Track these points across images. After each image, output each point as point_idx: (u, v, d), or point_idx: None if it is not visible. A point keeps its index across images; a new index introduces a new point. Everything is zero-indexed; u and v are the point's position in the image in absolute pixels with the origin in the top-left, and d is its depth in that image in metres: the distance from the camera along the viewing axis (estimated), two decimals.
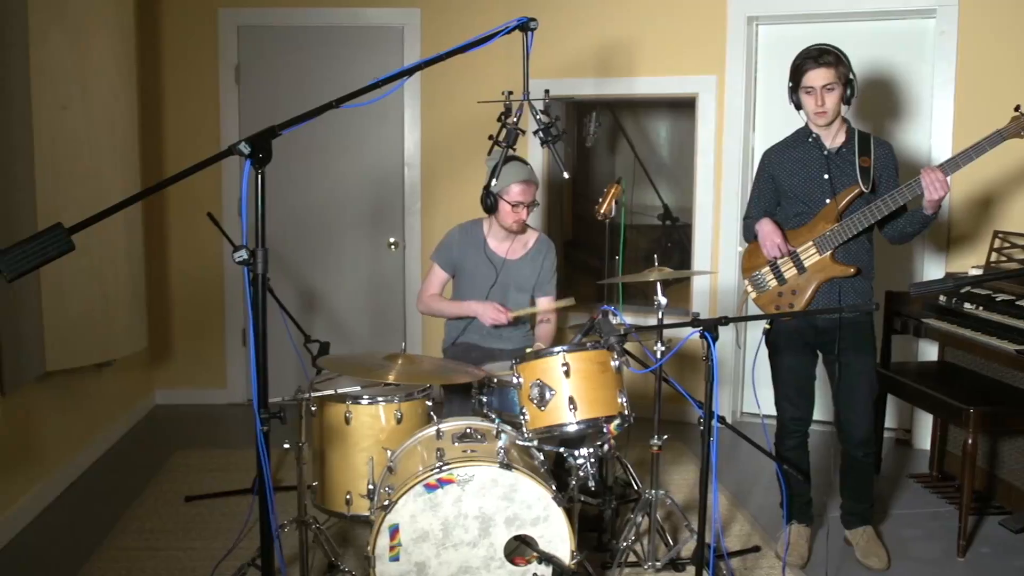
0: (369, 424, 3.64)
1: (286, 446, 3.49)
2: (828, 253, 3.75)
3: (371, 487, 3.39)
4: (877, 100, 5.51)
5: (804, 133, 3.87)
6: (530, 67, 3.28)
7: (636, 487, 4.25)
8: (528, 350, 3.64)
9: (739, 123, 5.68)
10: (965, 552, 4.05)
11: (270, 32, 6.17)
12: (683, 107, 6.25)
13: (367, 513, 3.54)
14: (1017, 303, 4.26)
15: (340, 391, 3.63)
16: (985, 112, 3.75)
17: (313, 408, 3.62)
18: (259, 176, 2.46)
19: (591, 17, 5.90)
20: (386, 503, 3.08)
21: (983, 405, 4.02)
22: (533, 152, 5.76)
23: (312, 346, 4.23)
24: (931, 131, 5.33)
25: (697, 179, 5.86)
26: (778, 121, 3.96)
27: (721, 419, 3.41)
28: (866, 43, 5.48)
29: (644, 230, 7.10)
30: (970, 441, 3.99)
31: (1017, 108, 3.66)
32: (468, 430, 3.43)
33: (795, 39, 4.05)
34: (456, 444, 3.32)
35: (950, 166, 3.61)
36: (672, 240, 6.91)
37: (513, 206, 4.14)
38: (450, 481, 3.10)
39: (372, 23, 6.14)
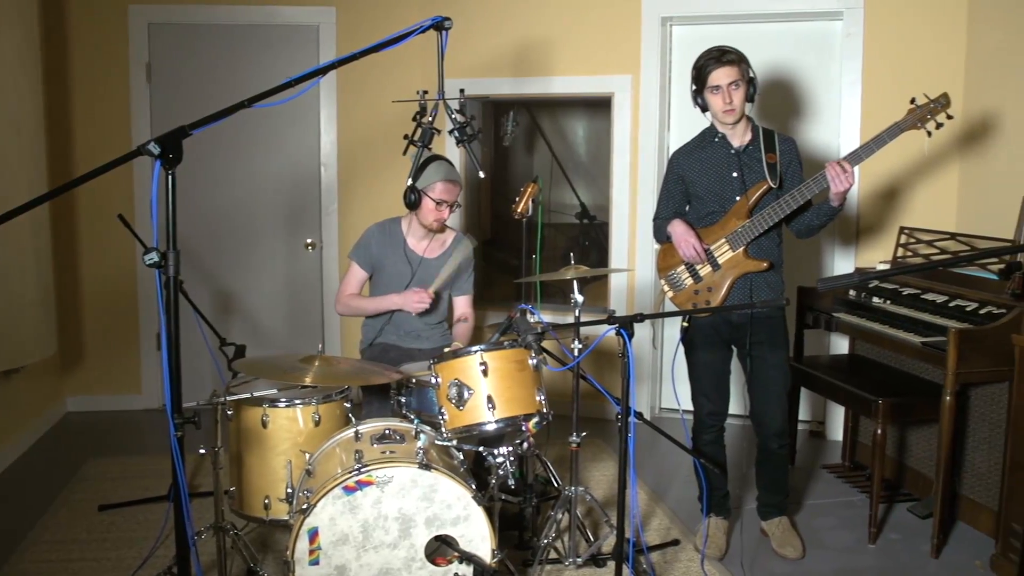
0: (287, 427, 3.60)
1: (202, 451, 3.43)
2: (741, 249, 3.81)
3: (289, 491, 3.35)
4: (788, 99, 5.63)
5: (710, 133, 3.93)
6: (446, 66, 3.29)
7: (556, 484, 4.28)
8: (446, 350, 3.64)
9: (654, 122, 5.75)
10: (876, 539, 4.17)
11: (182, 30, 6.06)
12: (600, 106, 6.30)
13: (286, 517, 3.50)
14: (922, 297, 4.39)
15: (256, 394, 3.58)
16: (890, 109, 3.86)
17: (229, 412, 3.56)
18: (170, 177, 2.42)
19: (508, 17, 5.92)
20: (305, 506, 3.05)
21: (891, 396, 4.13)
22: (450, 152, 5.75)
23: (228, 349, 4.17)
24: (839, 129, 5.46)
25: (614, 178, 5.91)
26: (692, 120, 4.02)
27: (639, 415, 3.44)
28: (777, 44, 5.60)
29: (562, 228, 7.14)
30: (879, 431, 4.09)
31: (912, 101, 3.79)
32: (387, 431, 3.41)
33: (708, 39, 4.11)
34: (375, 445, 3.30)
35: (853, 159, 3.72)
36: (590, 238, 6.96)
37: (437, 204, 4.13)
38: (369, 483, 3.08)
39: (287, 21, 6.08)
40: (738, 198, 3.83)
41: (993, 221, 4.76)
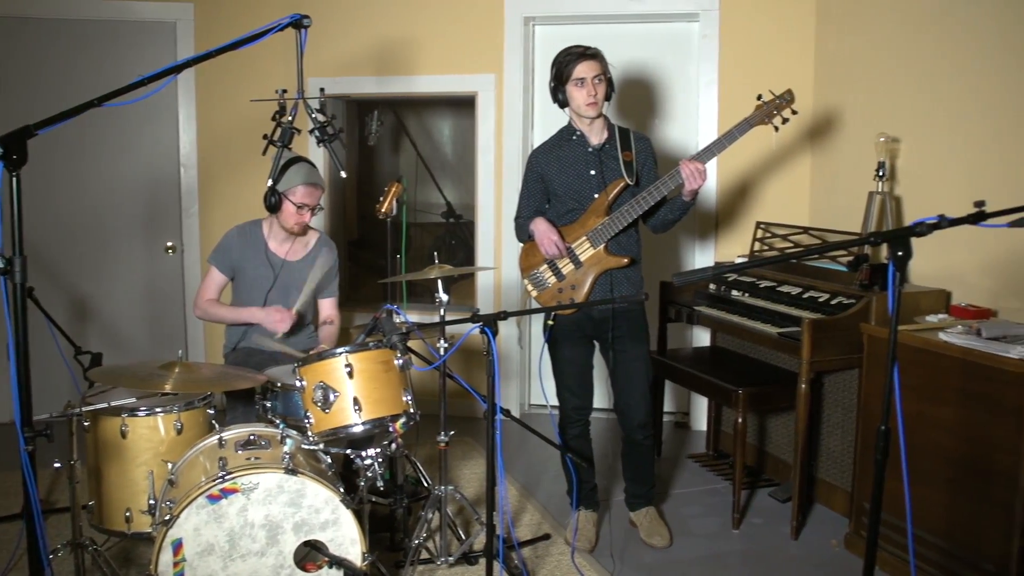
0: (147, 437, 3.48)
1: (57, 465, 3.30)
2: (601, 246, 3.88)
3: (152, 502, 3.25)
4: (648, 98, 5.74)
5: (568, 132, 3.99)
6: (308, 65, 3.23)
7: (426, 484, 4.27)
8: (311, 352, 3.59)
9: (518, 121, 5.79)
10: (739, 524, 4.31)
11: (29, 24, 5.79)
12: (465, 105, 6.31)
13: (149, 530, 3.38)
14: (778, 289, 4.54)
15: (114, 404, 3.46)
16: (745, 107, 3.98)
17: (86, 423, 3.44)
18: (14, 179, 2.32)
19: (370, 15, 5.87)
20: (167, 517, 2.97)
21: (751, 386, 4.27)
22: (312, 152, 5.68)
23: (83, 358, 4.02)
24: (697, 127, 5.60)
25: (479, 177, 5.93)
26: (556, 119, 4.07)
27: (506, 412, 3.46)
28: (636, 44, 5.71)
29: (429, 228, 7.14)
30: (740, 420, 4.22)
31: (759, 97, 3.92)
32: (251, 437, 3.34)
33: (570, 39, 4.15)
34: (239, 452, 3.23)
35: (705, 155, 3.82)
36: (457, 237, 6.98)
37: (298, 207, 4.06)
38: (234, 490, 3.01)
39: (142, 17, 5.88)
40: (596, 196, 3.89)
41: (843, 215, 4.97)
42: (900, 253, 2.16)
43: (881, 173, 4.42)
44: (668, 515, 4.40)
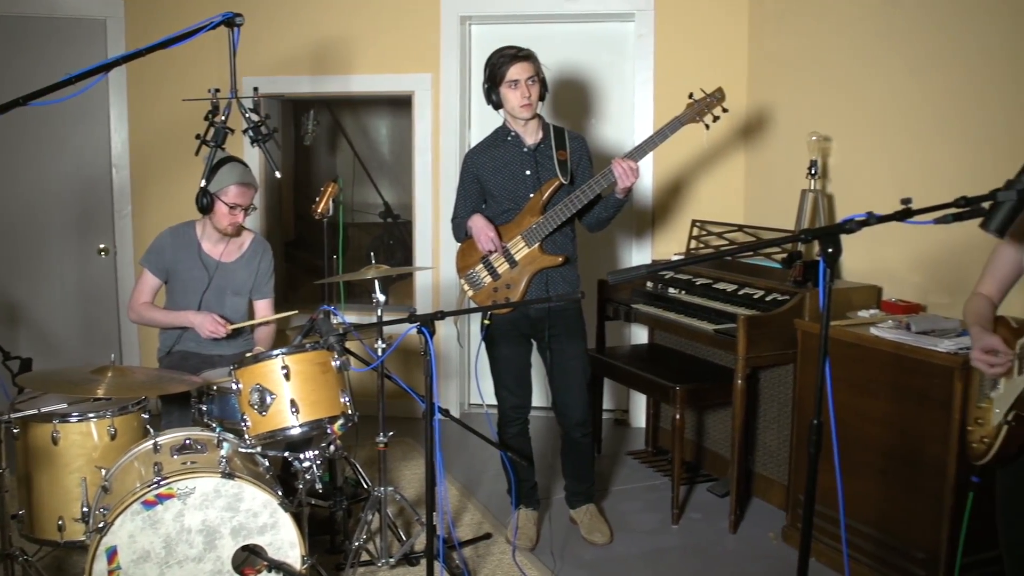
0: (80, 443, 3.41)
1: None
2: (536, 245, 3.89)
3: (85, 510, 3.19)
4: (584, 98, 5.77)
5: (503, 132, 4.00)
6: (242, 64, 3.20)
7: (366, 485, 4.25)
8: (248, 354, 3.55)
9: (455, 120, 5.78)
10: (679, 519, 4.35)
11: None
12: (402, 105, 6.28)
13: (82, 538, 3.32)
14: (714, 286, 4.59)
15: (45, 410, 3.38)
16: (681, 107, 4.01)
17: (15, 430, 3.36)
18: None
19: (306, 14, 5.82)
20: (101, 525, 2.92)
21: (688, 383, 4.30)
22: (247, 152, 5.62)
23: (12, 363, 3.93)
24: (633, 127, 5.64)
25: (416, 176, 5.91)
26: (493, 119, 4.07)
27: (445, 412, 3.46)
28: (572, 44, 5.73)
29: (367, 228, 7.10)
30: (678, 416, 4.26)
31: (691, 96, 3.95)
32: (187, 441, 3.30)
33: (507, 39, 4.16)
34: (175, 457, 3.19)
35: (637, 153, 3.85)
36: (395, 237, 6.95)
37: (230, 208, 4.01)
38: (170, 496, 2.97)
39: (71, 14, 5.76)
40: (531, 195, 3.90)
41: (777, 213, 5.04)
42: (830, 250, 2.19)
43: (813, 171, 4.49)
44: (608, 512, 4.43)
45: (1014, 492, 2.44)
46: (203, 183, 3.65)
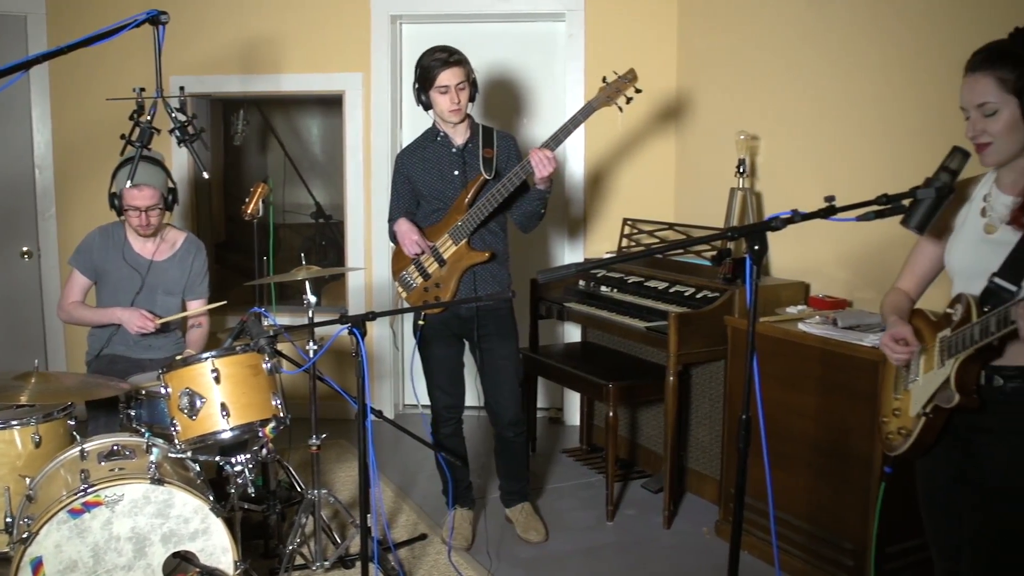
0: (3, 451, 3.34)
1: None
2: (463, 242, 3.89)
3: (8, 520, 3.12)
4: (515, 97, 5.78)
5: (433, 133, 4.00)
6: (169, 63, 3.17)
7: (300, 489, 4.21)
8: (177, 358, 3.51)
9: (386, 120, 5.75)
10: (613, 516, 4.39)
11: None
12: (333, 104, 6.24)
13: (6, 549, 3.24)
14: (646, 284, 4.63)
15: None
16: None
17: None
18: None
19: (234, 13, 5.74)
20: (26, 535, 2.86)
21: (621, 380, 4.34)
22: (175, 152, 5.54)
23: None
24: None
25: (347, 177, 5.87)
26: (425, 118, 4.06)
27: (378, 413, 3.44)
28: (504, 44, 5.74)
29: (298, 229, 7.04)
30: (611, 414, 4.29)
31: (604, 79, 3.97)
32: (115, 447, 3.25)
33: (438, 38, 4.16)
34: (103, 463, 3.14)
35: (553, 142, 3.85)
36: (327, 238, 6.90)
37: (135, 210, 3.94)
38: (97, 504, 2.92)
39: None
40: (459, 194, 3.91)
41: (707, 211, 5.10)
42: (756, 247, 2.23)
43: (742, 170, 4.55)
44: (544, 510, 4.44)
45: (932, 483, 2.50)
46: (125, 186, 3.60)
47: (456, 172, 3.92)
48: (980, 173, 2.41)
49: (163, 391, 3.26)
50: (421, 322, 3.94)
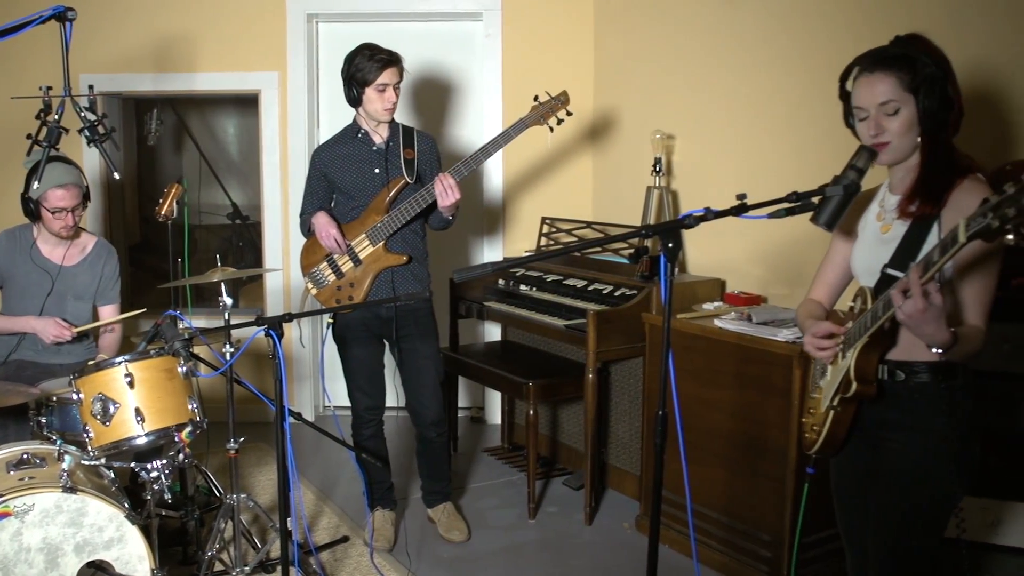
0: None
1: None
2: (381, 244, 3.88)
3: None
4: (434, 97, 5.76)
5: (353, 130, 3.98)
6: (77, 61, 3.10)
7: (218, 493, 4.15)
8: (90, 362, 3.43)
9: (303, 120, 5.70)
10: (535, 514, 4.40)
11: None
12: (249, 104, 6.16)
13: None
14: (565, 282, 4.67)
15: None
16: (529, 106, 4.06)
17: None
18: None
19: (146, 10, 5.62)
20: None
21: (541, 378, 4.36)
22: (84, 152, 5.41)
23: None
24: (483, 126, 5.67)
25: (264, 177, 5.80)
26: (342, 118, 4.04)
27: (297, 415, 3.42)
28: (422, 43, 5.72)
29: (215, 230, 6.95)
30: (531, 412, 4.31)
31: (536, 98, 4.00)
32: (25, 456, 3.17)
33: (356, 37, 4.13)
34: (11, 473, 3.06)
35: (456, 172, 3.84)
36: (244, 239, 6.82)
37: (54, 213, 3.85)
38: (6, 514, 2.85)
39: None
40: (378, 194, 3.89)
41: (624, 209, 5.15)
42: (670, 245, 2.26)
43: (658, 168, 4.61)
44: (466, 509, 4.45)
45: (843, 478, 2.58)
46: (23, 191, 3.50)
47: (377, 170, 3.90)
48: (879, 184, 2.49)
49: (75, 397, 3.19)
50: (330, 320, 3.93)
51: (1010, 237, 1.74)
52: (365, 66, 3.81)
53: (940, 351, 2.10)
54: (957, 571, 3.07)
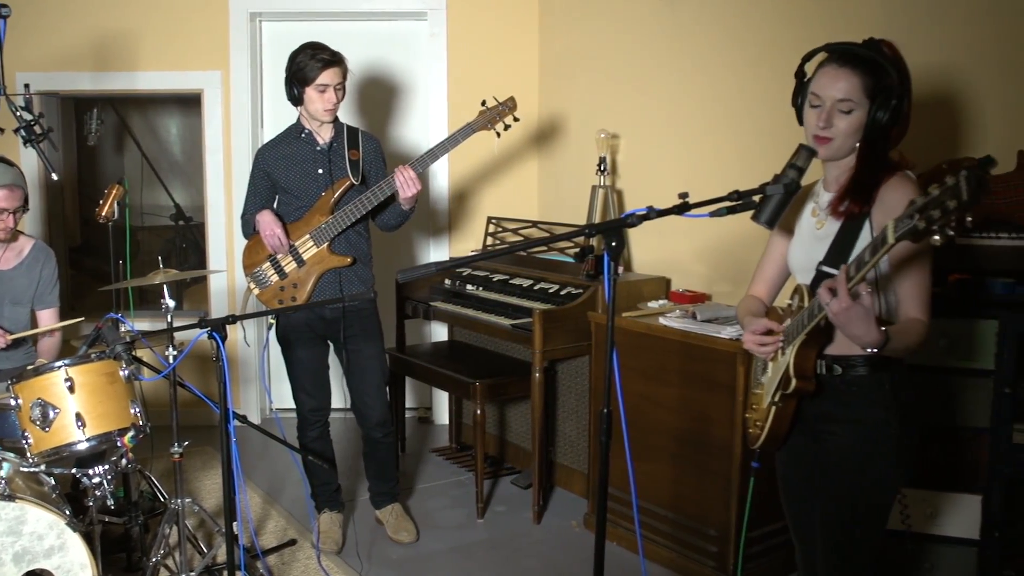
0: None
1: None
2: (325, 245, 3.86)
3: None
4: (379, 97, 5.74)
5: (296, 129, 3.95)
6: (12, 59, 3.04)
7: (163, 499, 4.10)
8: (28, 367, 3.37)
9: (246, 119, 5.65)
10: (484, 513, 4.41)
11: None
12: (192, 103, 6.09)
13: None
14: (511, 282, 4.68)
15: None
16: (474, 108, 4.05)
17: None
18: None
19: (85, 7, 5.53)
20: None
21: (487, 378, 4.36)
22: (21, 153, 5.30)
23: None
24: (428, 127, 5.66)
25: (207, 177, 5.74)
26: (286, 117, 4.00)
27: (242, 418, 3.38)
28: (367, 43, 5.69)
29: (159, 231, 6.86)
30: (479, 412, 4.31)
31: (483, 103, 4.01)
32: None
33: (299, 36, 4.10)
34: None
35: (420, 164, 3.86)
36: (188, 240, 6.74)
37: (3, 212, 3.77)
38: None
39: None
40: (322, 194, 3.87)
41: (570, 208, 5.17)
42: (614, 244, 2.27)
43: (603, 168, 4.63)
44: (414, 510, 4.44)
45: (788, 472, 2.61)
46: None
47: (320, 171, 3.88)
48: (815, 180, 2.52)
49: (13, 402, 3.12)
50: (271, 321, 3.90)
51: (936, 238, 1.79)
52: (306, 65, 3.79)
53: (874, 350, 2.14)
54: (901, 562, 3.14)
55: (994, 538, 3.07)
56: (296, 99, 3.86)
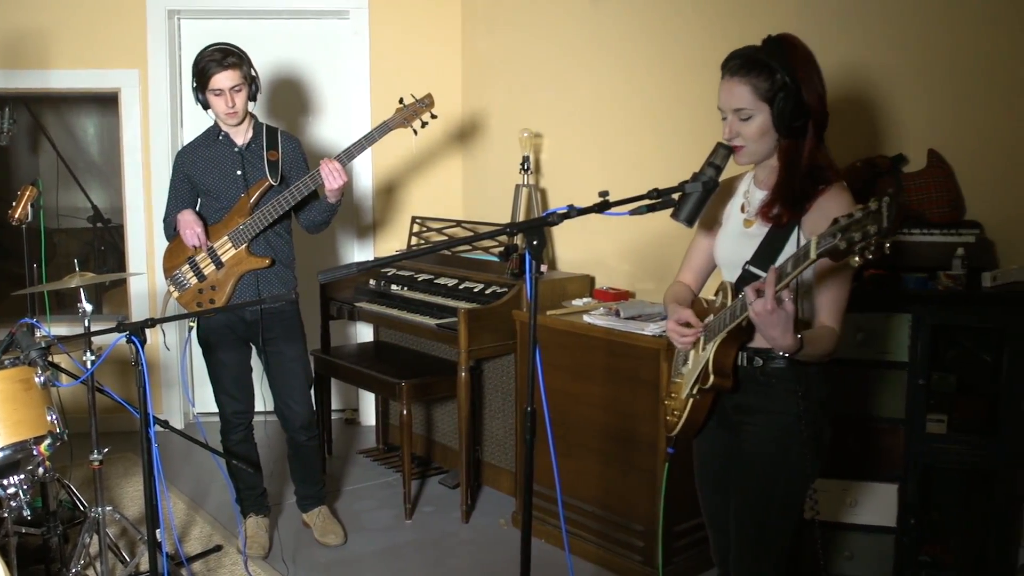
0: None
1: None
2: (243, 246, 3.82)
3: None
4: (299, 96, 5.69)
5: (214, 131, 3.90)
6: None
7: (83, 507, 4.02)
8: None
9: (165, 119, 5.56)
10: (412, 514, 4.41)
11: None
12: (109, 103, 5.96)
13: None
14: (436, 281, 4.67)
15: None
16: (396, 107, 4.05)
17: None
18: None
19: None
20: None
21: (413, 378, 4.35)
22: None
23: None
24: (350, 125, 5.62)
25: (125, 178, 5.63)
26: (205, 117, 3.94)
27: (163, 423, 3.33)
28: (288, 41, 5.64)
29: (76, 233, 6.70)
30: (405, 412, 4.30)
31: (401, 101, 3.99)
32: None
33: (218, 35, 4.05)
34: None
35: (346, 156, 3.85)
36: (106, 243, 6.59)
37: None
38: None
39: None
40: (241, 196, 3.83)
41: (494, 207, 5.19)
42: (535, 242, 2.29)
43: (526, 167, 4.65)
44: (342, 512, 4.42)
45: (704, 462, 2.66)
46: None
47: (239, 172, 3.83)
48: (745, 171, 2.56)
49: None
50: (191, 324, 3.85)
51: (856, 259, 1.83)
52: (202, 69, 3.73)
53: (785, 355, 2.19)
54: (812, 551, 3.21)
55: (910, 525, 3.16)
56: (202, 103, 3.82)
